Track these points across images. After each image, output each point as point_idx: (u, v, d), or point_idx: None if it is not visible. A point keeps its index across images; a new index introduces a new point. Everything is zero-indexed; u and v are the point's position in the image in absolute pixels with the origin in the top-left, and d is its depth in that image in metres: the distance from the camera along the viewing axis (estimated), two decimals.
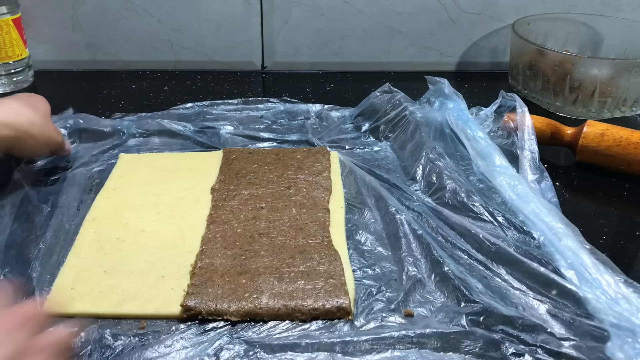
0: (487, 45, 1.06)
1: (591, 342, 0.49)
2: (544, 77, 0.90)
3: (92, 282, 0.55)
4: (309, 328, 0.51)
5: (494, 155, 0.70)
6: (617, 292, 0.52)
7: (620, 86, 0.86)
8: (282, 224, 0.62)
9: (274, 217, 0.63)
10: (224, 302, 0.52)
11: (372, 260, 0.59)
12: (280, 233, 0.61)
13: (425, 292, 0.55)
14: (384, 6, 1.01)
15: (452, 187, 0.66)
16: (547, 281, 0.54)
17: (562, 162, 0.80)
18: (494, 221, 0.62)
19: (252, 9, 1.00)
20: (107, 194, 0.67)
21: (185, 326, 0.51)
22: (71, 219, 0.63)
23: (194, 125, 0.82)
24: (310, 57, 1.05)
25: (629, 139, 0.74)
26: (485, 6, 1.02)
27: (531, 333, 0.50)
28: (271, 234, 0.61)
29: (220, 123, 0.83)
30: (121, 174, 0.71)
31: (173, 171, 0.71)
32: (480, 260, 0.58)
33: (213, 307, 0.51)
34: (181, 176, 0.71)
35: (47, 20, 0.98)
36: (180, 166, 0.73)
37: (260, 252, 0.58)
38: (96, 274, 0.55)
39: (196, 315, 0.51)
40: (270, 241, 0.60)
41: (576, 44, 1.02)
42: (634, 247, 0.64)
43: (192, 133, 0.80)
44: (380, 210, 0.66)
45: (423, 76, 0.85)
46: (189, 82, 0.99)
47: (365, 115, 0.84)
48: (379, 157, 0.77)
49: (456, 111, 0.78)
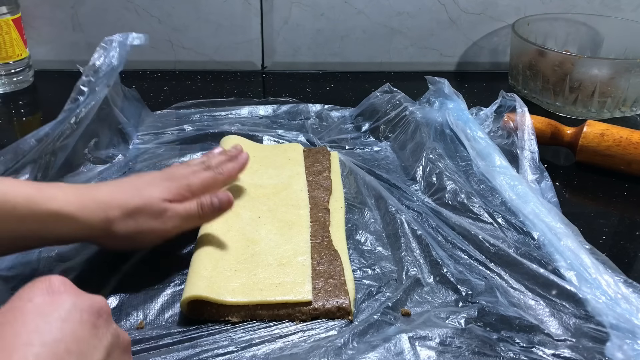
0: (487, 45, 1.06)
1: (589, 342, 0.49)
2: (544, 77, 0.90)
3: (228, 271, 0.54)
4: (309, 328, 0.51)
5: (494, 155, 0.70)
6: (617, 292, 0.52)
7: (620, 86, 0.86)
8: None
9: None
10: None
11: (372, 260, 0.59)
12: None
13: (425, 292, 0.55)
14: (384, 6, 1.01)
15: (453, 188, 0.66)
16: (546, 282, 0.54)
17: (562, 162, 0.80)
18: (493, 222, 0.62)
19: (252, 9, 1.00)
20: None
21: (184, 328, 0.51)
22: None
23: (193, 125, 0.82)
24: (310, 57, 1.05)
25: (629, 139, 0.74)
26: (485, 6, 1.02)
27: (528, 334, 0.50)
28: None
29: (220, 123, 0.83)
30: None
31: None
32: (480, 260, 0.58)
33: (214, 308, 0.51)
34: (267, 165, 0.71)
35: (47, 20, 0.98)
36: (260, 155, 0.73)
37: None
38: (228, 264, 0.55)
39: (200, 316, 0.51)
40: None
41: (576, 44, 1.02)
42: (633, 247, 0.64)
43: (192, 133, 0.80)
44: (380, 210, 0.66)
45: (423, 76, 0.85)
46: (189, 82, 0.99)
47: (365, 115, 0.84)
48: (379, 157, 0.77)
49: (456, 111, 0.78)
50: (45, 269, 0.56)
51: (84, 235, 0.52)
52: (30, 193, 0.48)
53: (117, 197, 0.53)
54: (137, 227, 0.53)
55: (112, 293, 0.54)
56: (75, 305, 0.34)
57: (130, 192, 0.54)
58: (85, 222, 0.50)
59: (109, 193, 0.53)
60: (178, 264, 0.58)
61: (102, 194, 0.52)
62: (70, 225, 0.50)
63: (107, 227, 0.51)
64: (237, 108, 0.87)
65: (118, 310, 0.52)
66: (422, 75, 0.86)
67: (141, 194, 0.54)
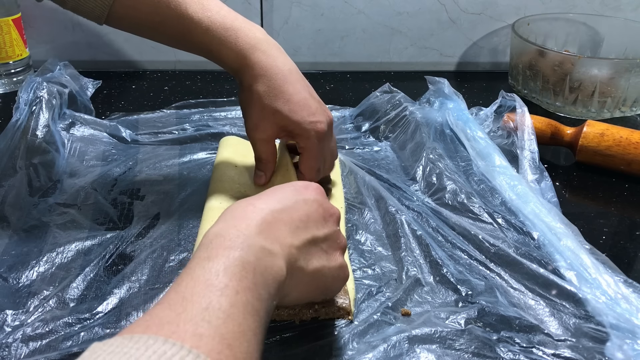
0: (487, 45, 1.06)
1: (589, 342, 0.49)
2: (544, 77, 0.90)
3: None
4: (309, 328, 0.51)
5: (493, 155, 0.70)
6: (617, 292, 0.52)
7: (620, 86, 0.86)
8: None
9: None
10: None
11: (372, 260, 0.59)
12: None
13: (425, 292, 0.55)
14: (384, 6, 1.01)
15: (453, 188, 0.66)
16: (546, 282, 0.54)
17: (562, 162, 0.80)
18: (493, 222, 0.62)
19: (252, 9, 1.00)
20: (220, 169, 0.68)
21: None
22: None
23: (193, 125, 0.82)
24: (310, 57, 1.05)
25: (629, 139, 0.74)
26: (485, 6, 1.02)
27: (528, 334, 0.50)
28: None
29: (220, 123, 0.83)
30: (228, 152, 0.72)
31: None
32: (480, 260, 0.58)
33: None
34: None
35: (47, 20, 0.98)
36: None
37: None
38: None
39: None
40: None
41: (576, 44, 1.02)
42: (633, 247, 0.64)
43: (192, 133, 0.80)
44: (380, 210, 0.66)
45: (423, 76, 0.85)
46: (189, 82, 0.99)
47: (365, 115, 0.84)
48: (379, 157, 0.77)
49: (456, 111, 0.78)
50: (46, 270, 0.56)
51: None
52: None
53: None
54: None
55: (112, 293, 0.54)
56: (317, 200, 0.46)
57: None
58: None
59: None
60: (178, 263, 0.58)
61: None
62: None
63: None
64: (237, 108, 0.87)
65: (118, 310, 0.52)
66: (422, 75, 0.86)
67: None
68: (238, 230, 0.39)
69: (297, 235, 0.43)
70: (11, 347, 0.47)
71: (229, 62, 0.61)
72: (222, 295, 0.34)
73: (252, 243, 0.39)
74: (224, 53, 0.60)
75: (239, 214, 0.41)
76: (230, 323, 0.33)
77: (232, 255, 0.37)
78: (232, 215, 0.41)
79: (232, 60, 0.60)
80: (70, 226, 0.62)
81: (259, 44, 0.60)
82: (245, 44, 0.59)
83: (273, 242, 0.40)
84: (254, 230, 0.40)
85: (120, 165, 0.73)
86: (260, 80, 0.59)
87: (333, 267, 0.46)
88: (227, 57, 0.60)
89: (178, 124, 0.82)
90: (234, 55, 0.60)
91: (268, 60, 0.60)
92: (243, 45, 0.59)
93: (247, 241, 0.39)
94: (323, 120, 0.60)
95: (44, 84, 0.76)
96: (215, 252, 0.37)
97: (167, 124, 0.82)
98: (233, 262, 0.37)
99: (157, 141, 0.79)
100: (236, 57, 0.60)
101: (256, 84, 0.59)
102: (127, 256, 0.58)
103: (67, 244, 0.59)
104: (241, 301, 0.35)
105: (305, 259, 0.43)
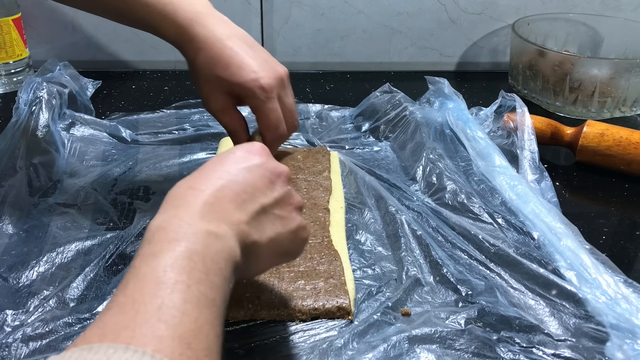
0: (487, 45, 1.06)
1: (589, 342, 0.49)
2: (544, 77, 0.90)
3: None
4: (309, 328, 0.51)
5: (493, 155, 0.70)
6: (617, 292, 0.52)
7: (620, 86, 0.86)
8: None
9: None
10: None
11: (372, 260, 0.59)
12: None
13: (425, 292, 0.55)
14: (384, 6, 1.01)
15: (453, 188, 0.66)
16: (546, 282, 0.54)
17: (562, 162, 0.80)
18: (493, 222, 0.62)
19: (252, 9, 1.00)
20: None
21: None
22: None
23: (193, 125, 0.82)
24: (310, 57, 1.05)
25: (629, 139, 0.74)
26: (485, 6, 1.02)
27: (528, 334, 0.50)
28: None
29: None
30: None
31: None
32: (480, 260, 0.58)
33: None
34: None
35: (47, 20, 0.98)
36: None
37: None
38: None
39: None
40: None
41: (576, 44, 1.02)
42: (633, 247, 0.64)
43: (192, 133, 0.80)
44: (380, 210, 0.66)
45: (423, 76, 0.85)
46: (189, 82, 0.98)
47: (365, 115, 0.84)
48: (379, 157, 0.77)
49: (456, 111, 0.78)
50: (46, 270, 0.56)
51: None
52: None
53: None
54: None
55: (112, 293, 0.54)
56: (261, 164, 0.44)
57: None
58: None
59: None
60: None
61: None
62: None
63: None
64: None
65: None
66: (422, 75, 0.86)
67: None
68: (180, 219, 0.37)
69: (245, 209, 0.41)
70: (11, 347, 0.47)
71: (169, 37, 0.60)
72: (173, 292, 0.33)
73: (197, 230, 0.37)
74: (163, 28, 0.60)
75: (179, 202, 0.40)
76: (187, 320, 0.32)
77: (178, 248, 0.35)
78: (172, 204, 0.40)
79: (172, 35, 0.60)
80: (70, 226, 0.62)
81: (198, 17, 0.59)
82: (184, 19, 0.59)
83: (219, 224, 0.38)
84: (196, 216, 0.38)
85: (120, 165, 0.73)
86: (200, 53, 0.58)
87: (290, 231, 0.44)
88: (167, 32, 0.60)
89: (178, 124, 0.82)
90: (174, 29, 0.59)
91: (205, 31, 0.58)
92: (183, 19, 0.59)
93: (190, 229, 0.37)
94: (266, 75, 0.58)
95: (44, 84, 0.76)
96: (159, 247, 0.36)
97: (167, 124, 0.82)
98: (179, 255, 0.35)
99: (157, 141, 0.79)
100: (176, 32, 0.59)
101: (197, 56, 0.59)
102: (127, 256, 0.58)
103: (67, 244, 0.59)
104: (194, 295, 0.33)
105: (258, 231, 0.41)
